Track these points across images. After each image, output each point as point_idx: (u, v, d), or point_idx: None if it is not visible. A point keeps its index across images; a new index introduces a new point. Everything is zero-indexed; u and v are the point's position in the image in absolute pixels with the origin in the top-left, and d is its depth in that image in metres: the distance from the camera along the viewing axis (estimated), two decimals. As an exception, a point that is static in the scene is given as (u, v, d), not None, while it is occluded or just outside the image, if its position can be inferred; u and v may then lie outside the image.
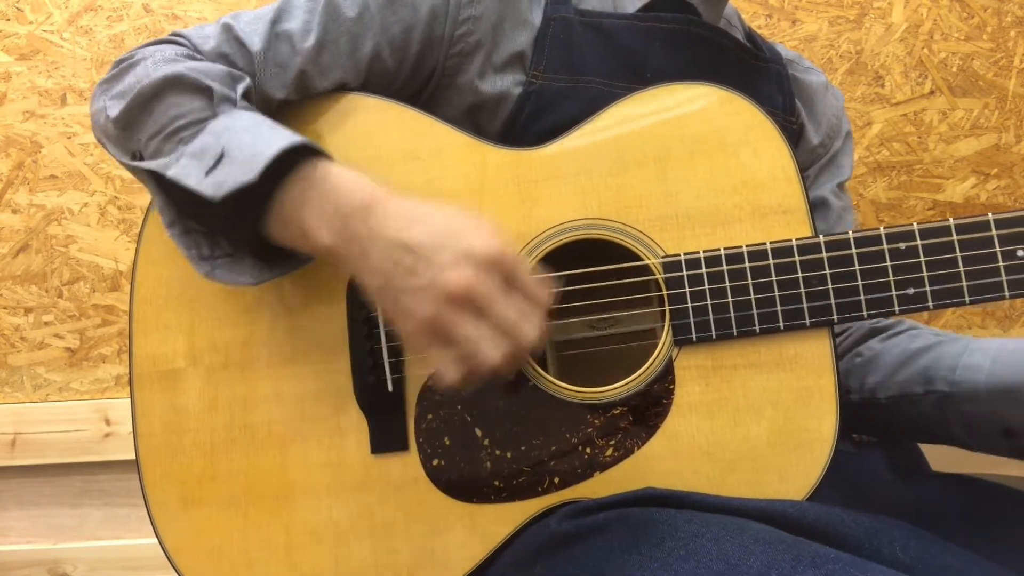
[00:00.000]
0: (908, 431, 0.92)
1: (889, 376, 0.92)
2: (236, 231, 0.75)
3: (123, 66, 0.79)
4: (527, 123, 0.84)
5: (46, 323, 1.42)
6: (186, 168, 0.71)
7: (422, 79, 0.86)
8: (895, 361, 0.92)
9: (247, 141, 0.71)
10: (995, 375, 0.84)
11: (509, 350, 0.64)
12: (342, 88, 0.83)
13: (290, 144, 0.69)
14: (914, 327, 0.99)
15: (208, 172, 0.70)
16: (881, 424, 0.94)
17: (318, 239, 0.70)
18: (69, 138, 1.40)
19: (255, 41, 0.80)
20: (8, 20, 1.39)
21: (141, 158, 0.76)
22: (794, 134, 0.99)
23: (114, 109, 0.76)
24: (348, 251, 0.69)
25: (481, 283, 0.63)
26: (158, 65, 0.76)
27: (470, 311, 0.63)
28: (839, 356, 0.94)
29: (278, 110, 0.82)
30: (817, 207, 1.01)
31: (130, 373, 0.83)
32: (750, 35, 1.02)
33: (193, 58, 0.79)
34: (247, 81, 0.78)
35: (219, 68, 0.77)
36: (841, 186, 1.04)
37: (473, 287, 0.63)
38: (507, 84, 0.85)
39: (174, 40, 0.81)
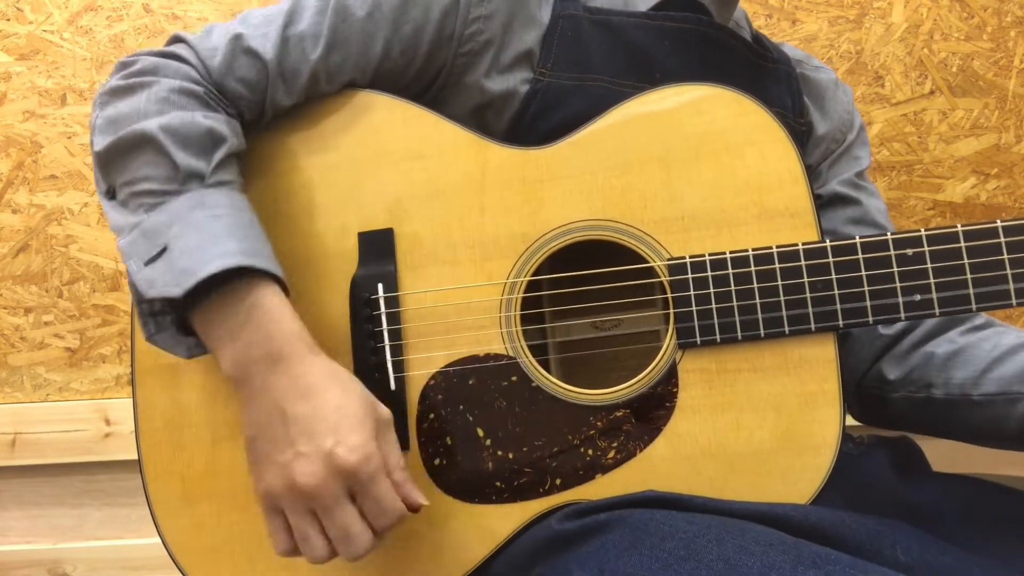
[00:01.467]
0: (990, 432, 0.88)
1: (983, 372, 0.87)
2: (161, 318, 0.76)
3: (129, 81, 0.78)
4: (533, 121, 0.84)
5: (46, 323, 1.42)
6: (133, 246, 0.73)
7: (430, 77, 0.85)
8: (988, 357, 0.88)
9: (191, 245, 0.71)
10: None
11: (327, 554, 0.69)
12: (350, 86, 0.83)
13: (225, 267, 0.69)
14: (996, 322, 0.94)
15: (148, 262, 0.71)
16: (963, 424, 0.89)
17: (221, 361, 0.72)
18: (69, 138, 1.40)
19: (268, 49, 0.79)
20: (8, 20, 1.39)
21: (115, 195, 0.77)
22: (803, 135, 0.98)
23: (99, 142, 0.76)
24: (239, 389, 0.72)
25: (324, 487, 0.67)
26: (150, 106, 0.76)
27: (308, 506, 0.68)
28: (905, 348, 0.94)
29: (287, 112, 0.83)
30: (834, 202, 1.00)
31: (132, 368, 0.83)
32: (757, 37, 1.02)
33: (192, 92, 0.78)
34: (227, 145, 0.77)
35: (202, 129, 0.76)
36: (861, 175, 1.02)
37: (316, 489, 0.67)
38: (514, 82, 0.85)
39: (182, 57, 0.80)
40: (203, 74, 0.79)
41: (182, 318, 0.74)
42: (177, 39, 0.82)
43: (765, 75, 0.95)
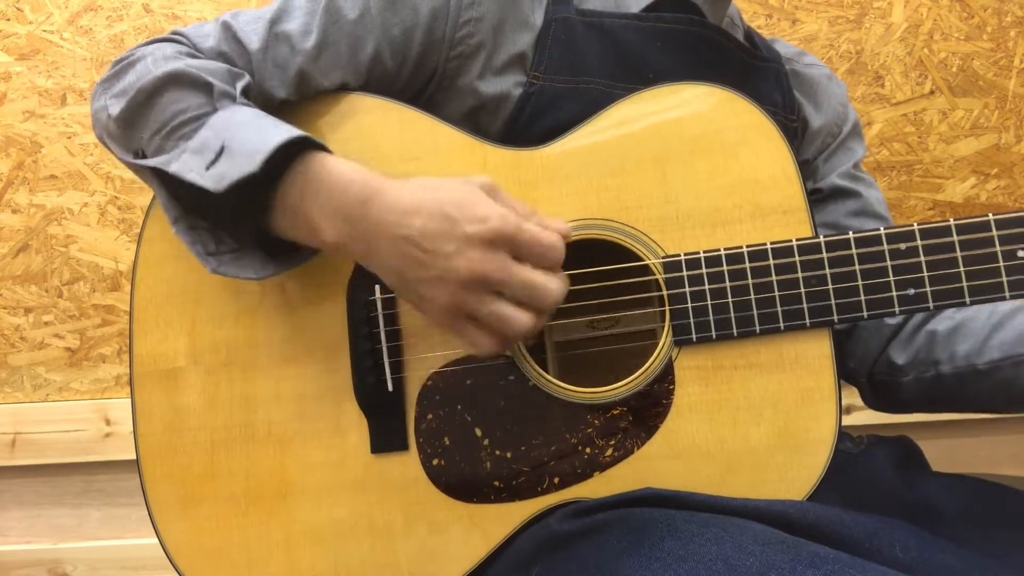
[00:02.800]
0: (1005, 398, 0.88)
1: (984, 341, 0.88)
2: (239, 225, 0.75)
3: (123, 64, 0.79)
4: (527, 124, 0.84)
5: (46, 323, 1.42)
6: (187, 163, 0.72)
7: (422, 80, 0.85)
8: (988, 325, 0.89)
9: (247, 135, 0.71)
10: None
11: (535, 312, 0.68)
12: (343, 88, 0.83)
13: (290, 137, 0.70)
14: None
15: (209, 166, 0.71)
16: (976, 394, 0.90)
17: (324, 236, 0.71)
18: (69, 138, 1.40)
19: (253, 40, 0.80)
20: (8, 20, 1.39)
21: (143, 156, 0.77)
22: (794, 132, 0.99)
23: (115, 107, 0.77)
24: (355, 248, 0.71)
25: (489, 263, 0.66)
26: (158, 62, 0.76)
27: (487, 290, 0.67)
28: (909, 331, 0.95)
29: (279, 110, 0.82)
30: (835, 196, 1.01)
31: (130, 372, 0.83)
32: (748, 34, 1.02)
33: (193, 56, 0.79)
34: (247, 78, 0.78)
35: (219, 65, 0.77)
36: (857, 166, 1.03)
37: (483, 269, 0.66)
38: (507, 85, 0.85)
39: (173, 39, 0.81)
40: (195, 53, 0.80)
41: (256, 215, 0.73)
42: (172, 33, 0.84)
43: (755, 73, 0.95)
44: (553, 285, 0.68)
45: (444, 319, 0.69)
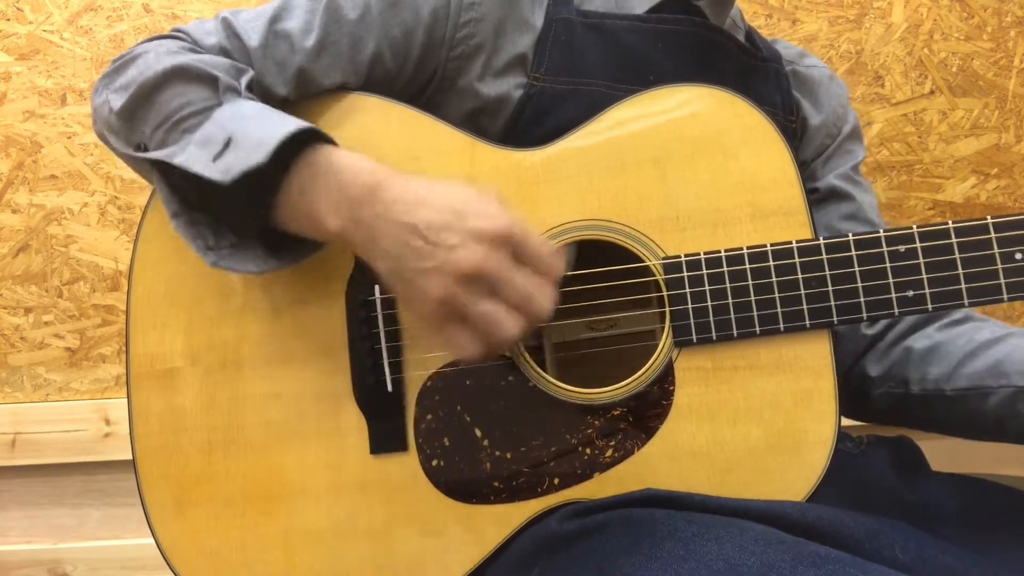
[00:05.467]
0: (967, 426, 0.89)
1: (956, 368, 0.88)
2: (244, 218, 0.75)
3: (124, 60, 0.79)
4: (528, 125, 0.84)
5: (46, 323, 1.42)
6: (193, 155, 0.72)
7: (423, 81, 0.85)
8: (962, 352, 0.89)
9: (254, 127, 0.71)
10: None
11: (524, 322, 0.66)
12: (343, 88, 0.83)
13: (298, 128, 0.70)
14: (975, 316, 0.96)
15: (216, 158, 0.71)
16: (940, 418, 0.91)
17: (327, 224, 0.71)
18: (69, 138, 1.40)
19: (252, 38, 0.80)
20: (8, 20, 1.39)
21: (145, 149, 0.77)
22: (794, 133, 0.99)
23: (117, 101, 0.76)
24: (357, 236, 0.70)
25: (491, 260, 0.65)
26: (161, 57, 0.76)
27: (483, 288, 0.65)
28: (886, 344, 0.95)
29: (280, 108, 0.82)
30: (830, 198, 1.00)
31: (127, 372, 0.83)
32: (749, 35, 1.02)
33: (195, 51, 0.79)
34: (251, 73, 0.78)
35: (223, 60, 0.77)
36: (856, 168, 1.03)
37: (483, 265, 0.64)
38: (508, 87, 0.85)
39: (175, 36, 0.81)
40: (198, 49, 0.80)
41: (262, 207, 0.73)
42: (173, 31, 0.84)
43: (755, 74, 0.95)
44: (546, 297, 0.66)
45: (433, 314, 0.67)
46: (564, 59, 0.85)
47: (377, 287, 0.80)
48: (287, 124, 0.71)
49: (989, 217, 0.74)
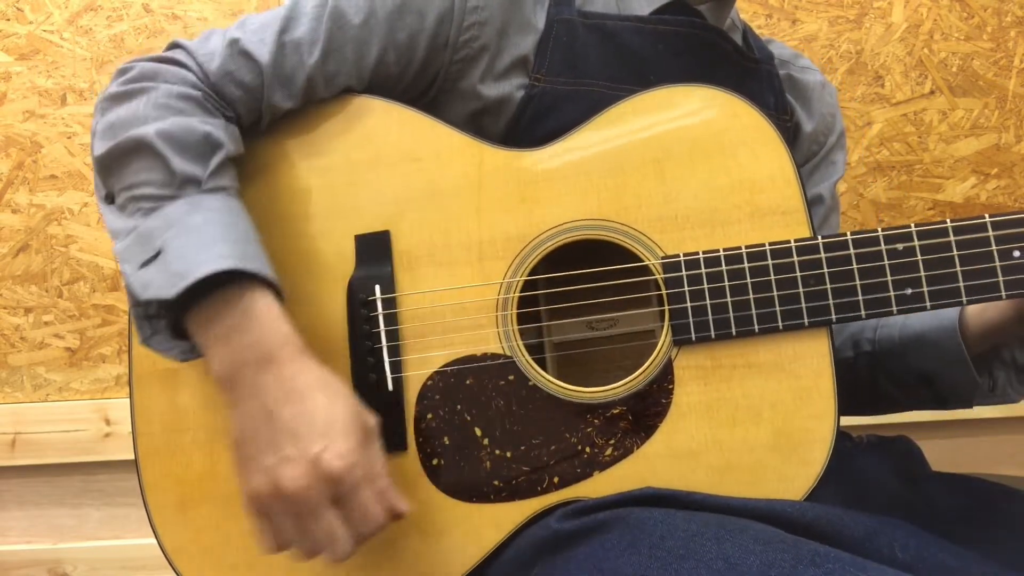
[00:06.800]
0: (853, 399, 0.93)
1: (903, 323, 0.93)
2: (156, 323, 0.76)
3: (129, 87, 0.78)
4: (529, 126, 0.84)
5: (46, 323, 1.42)
6: (129, 251, 0.73)
7: (426, 83, 0.85)
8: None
9: (185, 249, 0.71)
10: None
11: (310, 556, 0.69)
12: (346, 91, 0.83)
13: (218, 269, 0.69)
14: None
15: (142, 265, 0.71)
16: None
17: (211, 363, 0.72)
18: (69, 138, 1.40)
19: (263, 53, 0.79)
20: (8, 20, 1.39)
21: (113, 201, 0.77)
22: (789, 132, 0.99)
23: (98, 147, 0.77)
24: (228, 392, 0.72)
25: (310, 492, 0.67)
26: (149, 111, 0.76)
27: (293, 510, 0.67)
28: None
29: (284, 117, 0.83)
30: (813, 204, 1.01)
31: (130, 371, 0.83)
32: (745, 34, 1.02)
33: (190, 97, 0.78)
34: (224, 150, 0.77)
35: (199, 134, 0.76)
36: (835, 183, 1.04)
37: (301, 493, 0.67)
38: (509, 88, 0.85)
39: (180, 62, 0.80)
40: (201, 78, 0.79)
41: (176, 322, 0.74)
42: (175, 45, 0.83)
43: (748, 75, 0.95)
44: (343, 548, 0.68)
45: (249, 500, 0.69)
46: (565, 60, 0.85)
47: (378, 287, 0.80)
48: (214, 257, 0.70)
49: (987, 215, 0.74)
